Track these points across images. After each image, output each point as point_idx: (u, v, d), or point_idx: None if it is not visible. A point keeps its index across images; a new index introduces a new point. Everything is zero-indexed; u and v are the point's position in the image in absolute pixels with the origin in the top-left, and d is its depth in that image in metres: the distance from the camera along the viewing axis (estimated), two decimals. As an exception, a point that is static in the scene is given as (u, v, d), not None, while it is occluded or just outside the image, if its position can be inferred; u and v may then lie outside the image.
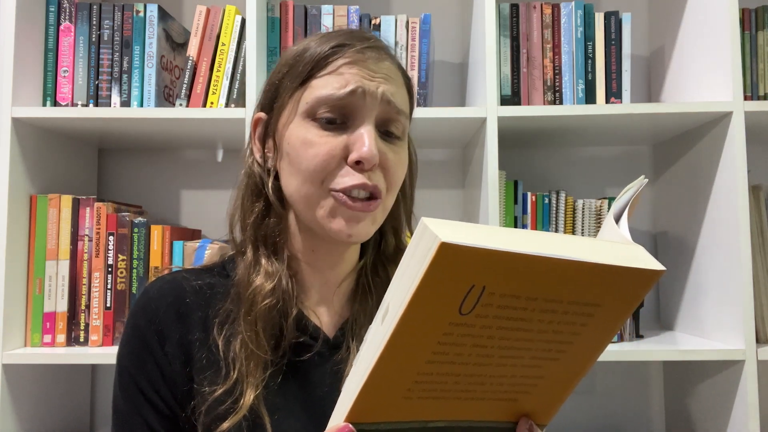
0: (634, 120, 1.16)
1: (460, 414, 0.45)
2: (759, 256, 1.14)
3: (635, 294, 0.41)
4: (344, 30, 0.64)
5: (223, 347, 0.60)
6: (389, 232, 0.70)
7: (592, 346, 0.44)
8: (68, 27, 1.19)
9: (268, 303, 0.60)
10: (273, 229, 0.64)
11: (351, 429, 0.41)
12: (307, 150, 0.59)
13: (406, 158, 0.64)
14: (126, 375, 0.62)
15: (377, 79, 0.60)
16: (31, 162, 1.15)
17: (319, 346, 0.63)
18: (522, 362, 0.43)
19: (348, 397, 0.42)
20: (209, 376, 0.60)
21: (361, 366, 0.41)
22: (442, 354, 0.40)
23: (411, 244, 0.38)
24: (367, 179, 0.58)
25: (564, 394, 0.48)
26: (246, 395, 0.57)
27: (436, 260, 0.34)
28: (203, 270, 0.68)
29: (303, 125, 0.60)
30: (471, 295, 0.37)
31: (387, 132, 0.62)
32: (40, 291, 1.12)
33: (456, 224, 0.38)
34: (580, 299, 0.40)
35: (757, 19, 1.24)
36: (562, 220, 1.17)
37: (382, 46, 0.63)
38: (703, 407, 1.20)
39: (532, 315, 0.39)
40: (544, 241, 0.39)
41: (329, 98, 0.58)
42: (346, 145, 0.59)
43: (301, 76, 0.61)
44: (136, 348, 0.62)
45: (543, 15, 1.21)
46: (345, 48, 0.60)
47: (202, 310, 0.63)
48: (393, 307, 0.38)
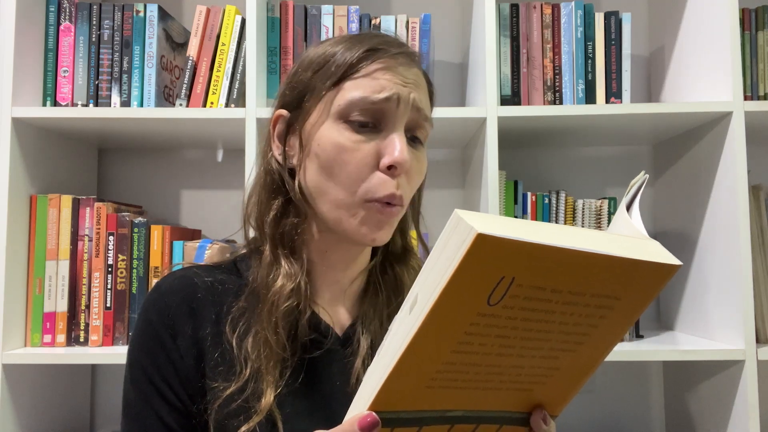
0: (634, 120, 1.16)
1: (477, 404, 0.46)
2: (759, 256, 1.14)
3: (653, 288, 0.42)
4: (373, 33, 0.65)
5: (236, 345, 0.60)
6: (397, 233, 0.71)
7: (607, 339, 0.45)
8: (68, 27, 1.19)
9: (289, 305, 0.61)
10: (292, 228, 0.64)
11: (374, 417, 0.42)
12: (340, 154, 0.59)
13: (425, 164, 0.66)
14: (138, 368, 0.62)
15: (409, 86, 0.61)
16: (31, 162, 1.15)
17: (330, 343, 0.64)
18: (541, 353, 0.43)
19: (371, 386, 0.43)
20: (222, 373, 0.60)
21: (387, 356, 0.42)
22: (467, 344, 0.40)
23: (443, 234, 0.38)
24: (396, 188, 0.60)
25: (577, 386, 0.48)
26: (266, 395, 0.58)
27: (471, 251, 0.35)
28: (214, 267, 0.68)
29: (335, 127, 0.60)
30: (500, 287, 0.37)
31: (413, 138, 0.63)
32: (40, 291, 1.13)
33: (488, 216, 0.38)
34: (602, 292, 0.40)
35: (757, 19, 1.24)
36: (562, 220, 1.17)
37: (412, 52, 0.64)
38: (703, 407, 1.20)
39: (555, 307, 0.40)
40: (570, 234, 0.40)
41: (364, 101, 0.59)
42: (378, 150, 0.60)
43: (333, 77, 0.61)
44: (148, 342, 0.62)
45: (543, 15, 1.21)
46: (379, 52, 0.61)
47: (213, 306, 0.63)
48: (422, 298, 0.39)
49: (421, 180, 0.66)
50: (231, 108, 1.16)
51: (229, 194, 1.42)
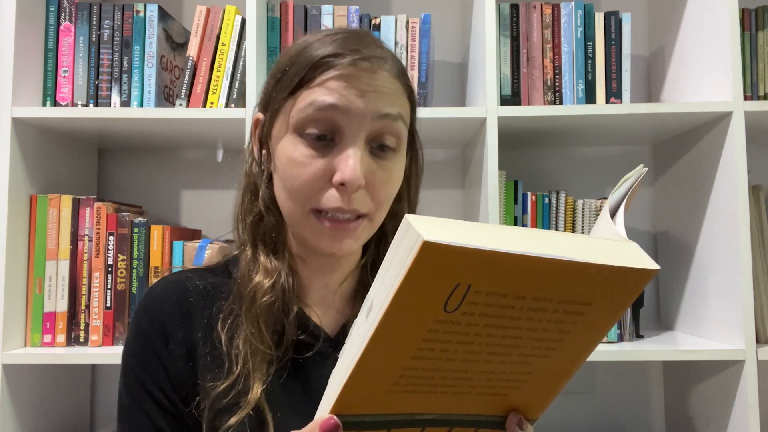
0: (634, 120, 1.16)
1: (448, 407, 0.45)
2: (759, 256, 1.14)
3: (628, 293, 0.40)
4: (343, 33, 0.62)
5: (227, 343, 0.61)
6: (390, 232, 0.70)
7: (583, 344, 0.44)
8: (68, 27, 1.19)
9: (267, 300, 0.61)
10: (271, 229, 0.65)
11: (336, 421, 0.41)
12: (293, 169, 0.59)
13: (399, 170, 0.63)
14: (131, 373, 0.63)
15: (368, 95, 0.57)
16: (31, 162, 1.15)
17: (321, 344, 0.64)
18: (510, 359, 0.42)
19: (333, 389, 0.43)
20: (213, 372, 0.61)
21: (346, 360, 0.42)
22: (427, 350, 0.40)
23: (395, 240, 0.37)
24: (346, 204, 0.58)
25: (555, 390, 0.47)
26: (253, 390, 0.58)
27: (418, 259, 0.34)
28: (207, 270, 0.69)
29: (292, 141, 0.59)
30: (456, 294, 0.36)
31: (381, 146, 0.60)
32: (40, 291, 1.12)
33: (441, 221, 0.37)
34: (570, 298, 0.39)
35: (757, 19, 1.24)
36: (562, 220, 1.17)
37: (377, 55, 0.60)
38: (703, 407, 1.20)
39: (520, 313, 0.39)
40: (533, 238, 0.39)
41: (314, 105, 0.57)
42: (331, 166, 0.58)
43: (290, 86, 0.60)
44: (141, 347, 0.63)
45: (543, 15, 1.21)
46: (337, 58, 0.58)
47: (206, 310, 0.64)
48: (377, 304, 0.38)
49: (395, 187, 0.63)
50: (231, 108, 1.16)
51: (229, 194, 1.41)
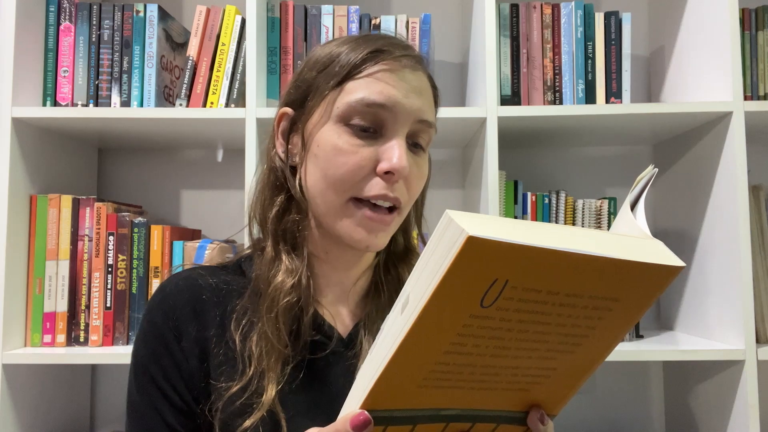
0: (634, 120, 1.16)
1: (473, 403, 0.46)
2: (759, 256, 1.14)
3: (654, 289, 0.41)
4: (381, 35, 0.65)
5: (240, 343, 0.61)
6: (399, 233, 0.71)
7: (607, 340, 0.44)
8: (68, 27, 1.19)
9: (289, 300, 0.61)
10: (294, 225, 0.64)
11: (366, 416, 0.42)
12: (337, 157, 0.59)
13: (426, 169, 0.66)
14: (142, 370, 0.62)
15: (412, 94, 0.60)
16: (31, 162, 1.15)
17: (334, 344, 0.64)
18: (538, 354, 0.43)
19: (364, 384, 0.43)
20: (226, 372, 0.60)
21: (378, 355, 0.42)
22: (460, 345, 0.40)
23: (434, 235, 0.38)
24: (390, 191, 0.59)
25: (576, 386, 0.48)
26: (268, 391, 0.58)
27: (461, 253, 0.34)
28: (219, 268, 0.68)
29: (335, 130, 0.60)
30: (493, 289, 0.36)
31: (414, 143, 0.63)
32: (40, 291, 1.12)
33: (481, 217, 0.38)
34: (600, 294, 0.40)
35: (757, 19, 1.24)
36: (562, 221, 1.17)
37: (418, 56, 0.63)
38: (703, 407, 1.20)
39: (551, 309, 0.39)
40: (567, 235, 0.39)
41: (361, 103, 0.59)
42: (377, 156, 0.60)
43: (337, 77, 0.61)
44: (153, 344, 0.62)
45: (543, 15, 1.21)
46: (383, 54, 0.60)
47: (218, 307, 0.63)
48: (414, 298, 0.38)
49: (422, 185, 0.66)
50: (231, 108, 1.16)
51: (229, 194, 1.42)
